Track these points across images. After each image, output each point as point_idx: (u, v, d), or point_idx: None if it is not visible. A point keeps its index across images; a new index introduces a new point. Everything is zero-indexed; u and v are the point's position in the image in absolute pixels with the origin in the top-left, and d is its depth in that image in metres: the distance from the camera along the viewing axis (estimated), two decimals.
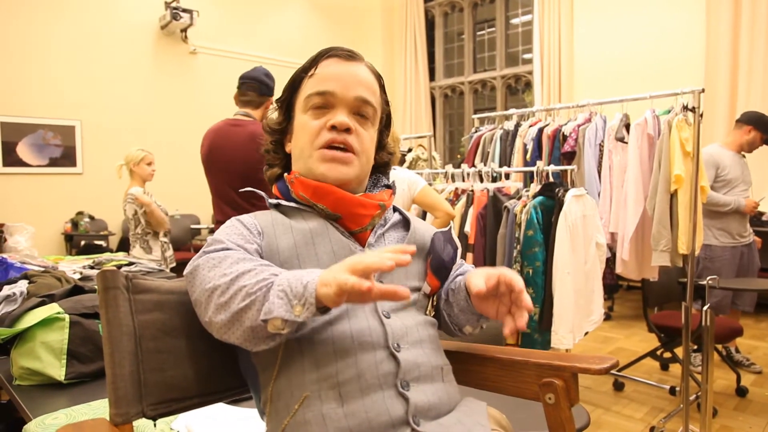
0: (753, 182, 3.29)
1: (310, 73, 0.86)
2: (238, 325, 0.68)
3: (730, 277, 3.17)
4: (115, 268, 0.78)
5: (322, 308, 0.66)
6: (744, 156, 3.29)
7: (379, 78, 0.91)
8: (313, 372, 0.72)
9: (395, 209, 0.95)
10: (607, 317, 4.30)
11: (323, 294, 0.63)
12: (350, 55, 0.87)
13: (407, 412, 0.71)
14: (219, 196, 2.56)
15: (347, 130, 0.83)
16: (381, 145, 0.95)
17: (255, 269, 0.70)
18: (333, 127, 0.83)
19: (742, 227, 3.20)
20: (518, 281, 0.76)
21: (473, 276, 0.79)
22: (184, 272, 0.77)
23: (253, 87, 2.47)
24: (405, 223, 0.93)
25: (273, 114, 0.94)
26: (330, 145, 0.83)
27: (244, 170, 2.42)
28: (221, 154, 2.45)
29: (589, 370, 0.81)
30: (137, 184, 3.30)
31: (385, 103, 0.93)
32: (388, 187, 0.94)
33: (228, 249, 0.75)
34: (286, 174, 0.90)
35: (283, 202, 0.87)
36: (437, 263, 0.88)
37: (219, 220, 2.67)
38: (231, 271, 0.70)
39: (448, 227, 0.93)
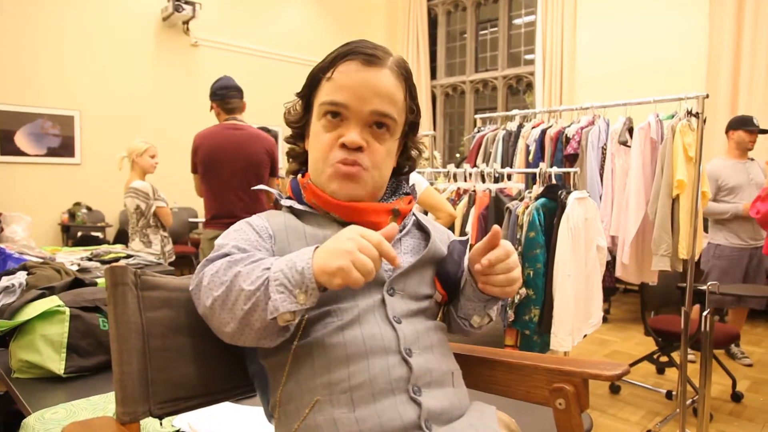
0: None
1: (327, 76, 0.82)
2: (248, 330, 0.69)
3: (737, 276, 3.29)
4: (123, 263, 0.77)
5: (324, 287, 0.67)
6: (752, 159, 3.41)
7: (406, 80, 0.85)
8: (324, 376, 0.71)
9: (412, 213, 0.92)
10: (604, 320, 4.31)
11: (324, 281, 0.65)
12: (371, 60, 0.80)
13: (420, 416, 0.70)
14: (212, 199, 2.75)
15: (359, 148, 0.80)
16: (403, 150, 0.90)
17: (246, 270, 0.69)
18: (343, 145, 0.80)
19: (753, 231, 3.30)
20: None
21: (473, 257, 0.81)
22: (190, 288, 0.77)
23: (235, 95, 2.75)
24: (420, 227, 0.91)
25: (295, 105, 0.90)
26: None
27: (250, 167, 2.69)
28: (228, 156, 2.68)
29: (601, 376, 0.81)
30: (138, 176, 3.25)
31: (410, 110, 0.87)
32: (407, 194, 0.91)
33: (227, 254, 0.73)
34: (300, 176, 0.88)
35: (296, 205, 0.85)
36: (448, 275, 0.86)
37: (207, 222, 2.83)
38: (226, 279, 0.69)
39: (466, 238, 0.90)
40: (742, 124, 3.34)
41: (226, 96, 2.71)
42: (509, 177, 2.96)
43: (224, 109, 2.74)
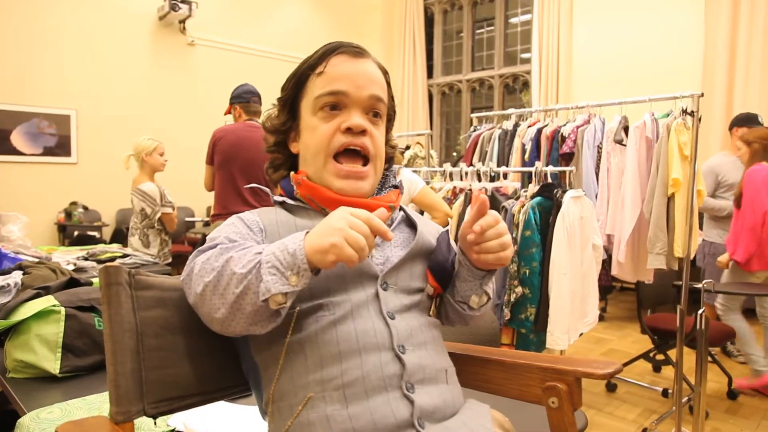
0: None
1: (317, 71, 0.84)
2: (239, 315, 0.69)
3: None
4: (117, 263, 0.77)
5: (316, 270, 0.68)
6: None
7: (385, 74, 0.90)
8: (317, 372, 0.71)
9: (400, 208, 0.94)
10: (600, 318, 4.32)
11: (317, 260, 0.66)
12: (358, 52, 0.85)
13: (412, 414, 0.70)
14: (227, 189, 2.85)
15: (363, 132, 0.82)
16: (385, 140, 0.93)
17: (238, 255, 0.69)
18: (348, 130, 0.81)
19: None
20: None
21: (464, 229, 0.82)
22: (181, 278, 0.77)
23: (257, 100, 2.97)
24: (409, 222, 0.92)
25: (274, 112, 0.91)
26: (345, 149, 0.82)
27: (260, 166, 2.79)
28: (245, 150, 2.82)
29: (593, 375, 0.81)
30: (147, 176, 3.19)
31: (391, 98, 0.92)
32: (395, 187, 0.93)
33: (219, 245, 0.74)
34: (292, 173, 0.88)
35: (288, 200, 0.86)
36: (439, 266, 0.87)
37: (216, 214, 2.79)
38: (218, 264, 0.69)
39: (446, 229, 0.92)
40: (746, 121, 3.34)
41: (250, 100, 2.93)
42: (505, 176, 2.96)
43: (246, 111, 2.94)
